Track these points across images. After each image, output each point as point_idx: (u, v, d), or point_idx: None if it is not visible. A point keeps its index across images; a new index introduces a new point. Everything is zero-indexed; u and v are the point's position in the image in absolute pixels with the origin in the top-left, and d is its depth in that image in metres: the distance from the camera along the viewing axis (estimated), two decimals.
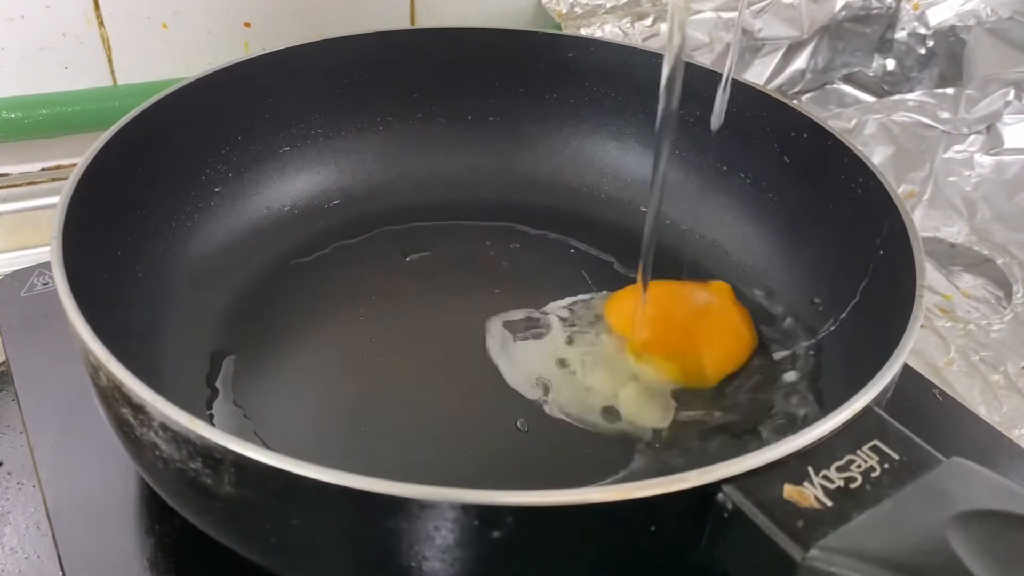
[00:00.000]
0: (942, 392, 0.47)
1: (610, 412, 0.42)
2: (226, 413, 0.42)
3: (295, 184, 0.53)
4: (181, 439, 0.28)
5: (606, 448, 0.41)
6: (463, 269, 0.51)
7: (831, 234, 0.47)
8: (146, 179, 0.45)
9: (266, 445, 0.39)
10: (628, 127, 0.57)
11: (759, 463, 0.28)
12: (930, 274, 0.66)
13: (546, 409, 0.42)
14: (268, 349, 0.45)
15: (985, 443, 0.44)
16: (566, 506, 0.26)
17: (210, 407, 0.42)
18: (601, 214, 0.56)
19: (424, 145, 0.56)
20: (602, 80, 0.56)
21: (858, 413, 0.30)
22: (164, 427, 0.28)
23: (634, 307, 0.46)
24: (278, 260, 0.50)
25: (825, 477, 0.28)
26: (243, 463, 0.27)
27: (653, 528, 0.28)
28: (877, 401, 0.31)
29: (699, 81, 0.53)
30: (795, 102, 0.50)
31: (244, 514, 0.29)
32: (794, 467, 0.28)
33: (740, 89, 0.51)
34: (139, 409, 0.29)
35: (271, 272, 0.49)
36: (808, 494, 0.27)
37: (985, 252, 0.67)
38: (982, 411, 0.55)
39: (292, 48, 0.52)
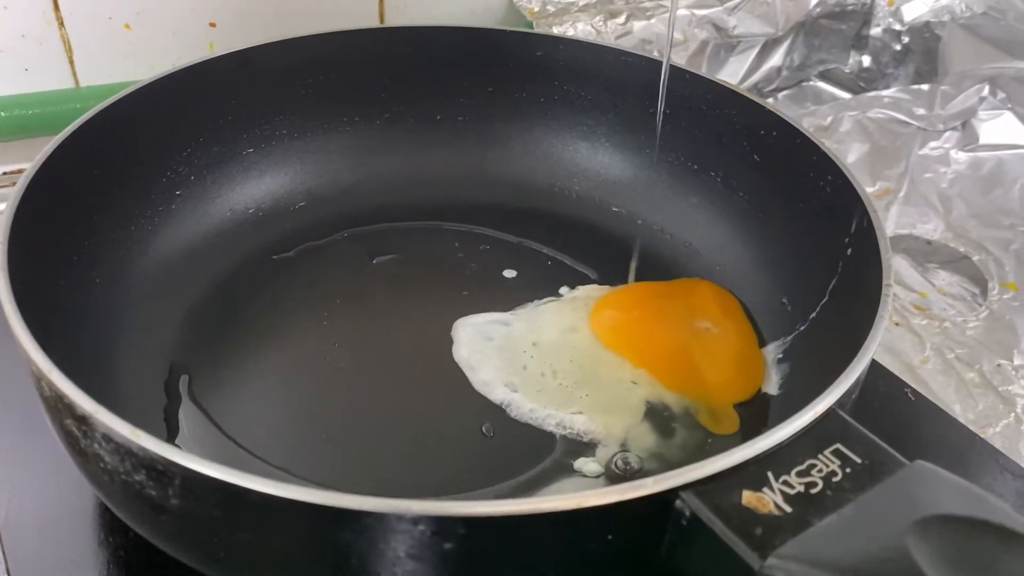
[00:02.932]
0: (915, 392, 0.46)
1: (576, 417, 0.41)
2: (192, 419, 0.41)
3: (259, 186, 0.52)
4: (124, 451, 0.27)
5: (573, 453, 0.40)
6: (431, 271, 0.50)
7: (801, 233, 0.46)
8: (103, 182, 0.44)
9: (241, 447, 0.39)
10: (599, 126, 0.56)
11: (717, 469, 0.27)
12: (906, 272, 0.66)
13: (512, 413, 0.42)
14: (230, 354, 0.44)
15: (958, 443, 0.44)
16: (518, 516, 0.26)
17: (170, 415, 0.41)
18: (573, 214, 0.55)
19: (392, 146, 0.56)
20: (572, 79, 0.55)
21: (820, 416, 0.29)
22: (107, 438, 0.28)
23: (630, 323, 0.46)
24: (241, 263, 0.49)
25: (785, 482, 0.27)
26: (186, 475, 0.26)
27: (610, 536, 0.27)
28: (841, 403, 0.30)
29: (673, 80, 0.52)
30: (764, 99, 0.49)
31: (191, 527, 0.28)
32: (753, 473, 0.27)
33: (709, 87, 0.51)
34: (82, 420, 0.28)
35: (234, 276, 0.48)
36: (767, 500, 0.26)
37: (961, 249, 0.67)
38: (957, 409, 0.55)
39: (255, 47, 0.51)
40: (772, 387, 0.44)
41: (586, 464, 0.39)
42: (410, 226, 0.53)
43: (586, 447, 0.40)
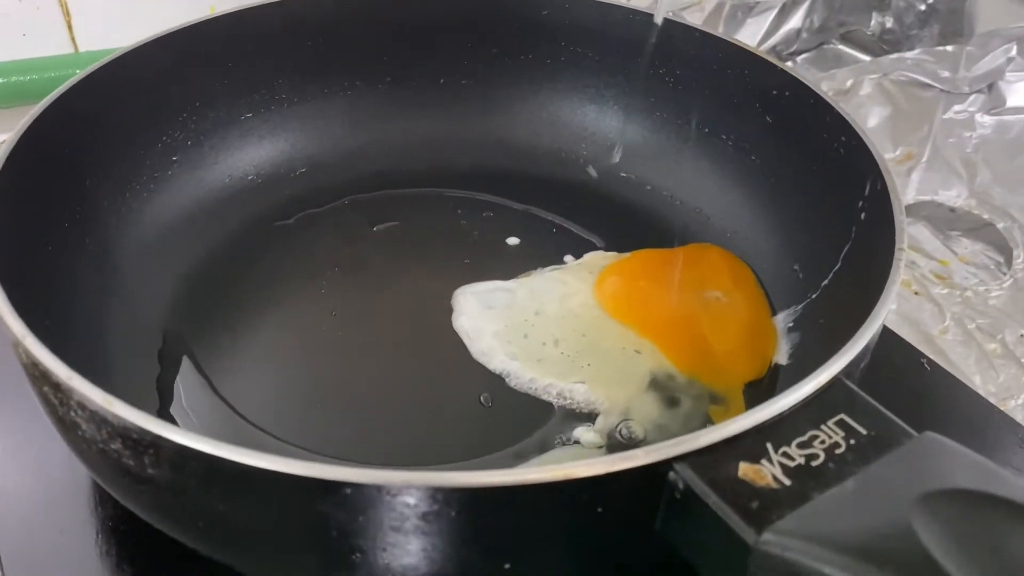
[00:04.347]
0: (931, 362, 0.45)
1: (577, 387, 0.40)
2: (187, 388, 0.40)
3: (258, 152, 0.51)
4: (99, 419, 0.26)
5: (572, 423, 0.39)
6: (432, 239, 0.49)
7: (814, 197, 0.44)
8: (95, 147, 0.43)
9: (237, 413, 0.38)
10: (607, 89, 0.54)
11: (713, 440, 0.26)
12: (927, 239, 0.64)
13: (511, 383, 0.41)
14: (225, 322, 0.43)
15: (974, 415, 0.42)
16: (503, 487, 0.25)
17: (163, 384, 0.40)
18: (580, 180, 0.54)
19: (394, 110, 0.54)
20: (579, 39, 0.54)
21: (824, 386, 0.28)
22: (82, 406, 0.27)
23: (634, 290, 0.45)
24: (240, 231, 0.48)
25: (785, 454, 0.26)
26: (161, 444, 0.25)
27: (600, 509, 0.26)
28: (848, 373, 0.29)
29: (683, 40, 0.50)
30: (775, 59, 0.47)
31: (167, 497, 0.27)
32: (751, 444, 0.26)
33: (719, 46, 0.49)
34: (57, 388, 0.27)
35: (232, 243, 0.48)
36: (765, 472, 0.25)
37: (985, 216, 0.64)
38: (977, 381, 0.53)
39: (252, 8, 0.50)
40: (782, 357, 0.42)
41: (585, 434, 0.38)
42: (412, 193, 0.52)
43: (586, 417, 0.39)
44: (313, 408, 0.40)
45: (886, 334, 0.48)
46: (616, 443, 0.38)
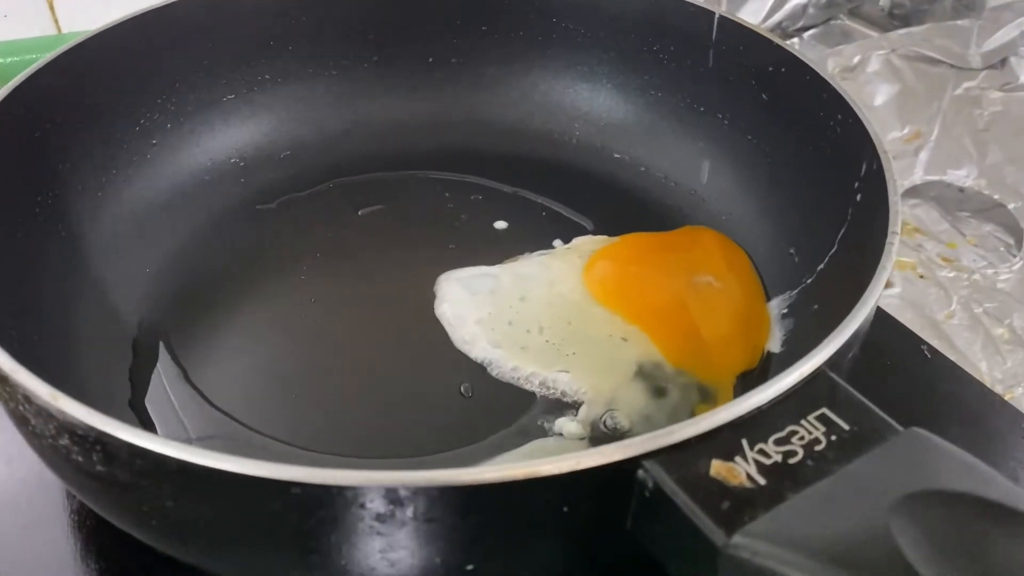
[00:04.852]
0: (931, 349, 0.43)
1: (561, 376, 0.39)
2: (162, 377, 0.39)
3: (241, 134, 0.50)
4: (46, 414, 0.25)
5: (553, 413, 0.37)
6: (417, 223, 0.48)
7: (811, 178, 0.43)
8: (69, 131, 0.42)
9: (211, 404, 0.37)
10: (600, 66, 0.52)
11: (685, 436, 0.24)
12: (934, 221, 0.62)
13: (493, 372, 0.39)
14: (201, 310, 0.42)
15: (975, 405, 0.40)
16: (463, 486, 0.24)
17: (136, 374, 0.39)
18: (572, 161, 0.52)
19: (381, 91, 0.53)
20: (571, 15, 0.52)
21: (806, 378, 0.26)
22: (28, 400, 0.26)
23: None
24: (221, 215, 0.47)
25: (761, 451, 0.24)
26: (107, 441, 0.24)
27: (565, 509, 0.25)
28: (833, 364, 0.27)
29: (677, 16, 0.49)
30: (772, 34, 0.45)
31: (119, 494, 0.26)
32: (726, 440, 0.25)
33: (715, 22, 0.47)
34: (5, 381, 0.26)
35: (212, 228, 0.46)
36: (739, 471, 0.24)
37: (995, 196, 0.62)
38: (983, 367, 0.51)
39: None
40: (775, 344, 0.41)
41: (566, 425, 0.37)
42: (399, 176, 0.51)
43: (568, 407, 0.38)
44: (289, 398, 0.39)
45: (885, 320, 0.46)
46: (600, 434, 0.37)
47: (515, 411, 0.38)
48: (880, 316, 0.46)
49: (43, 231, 0.40)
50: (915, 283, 0.56)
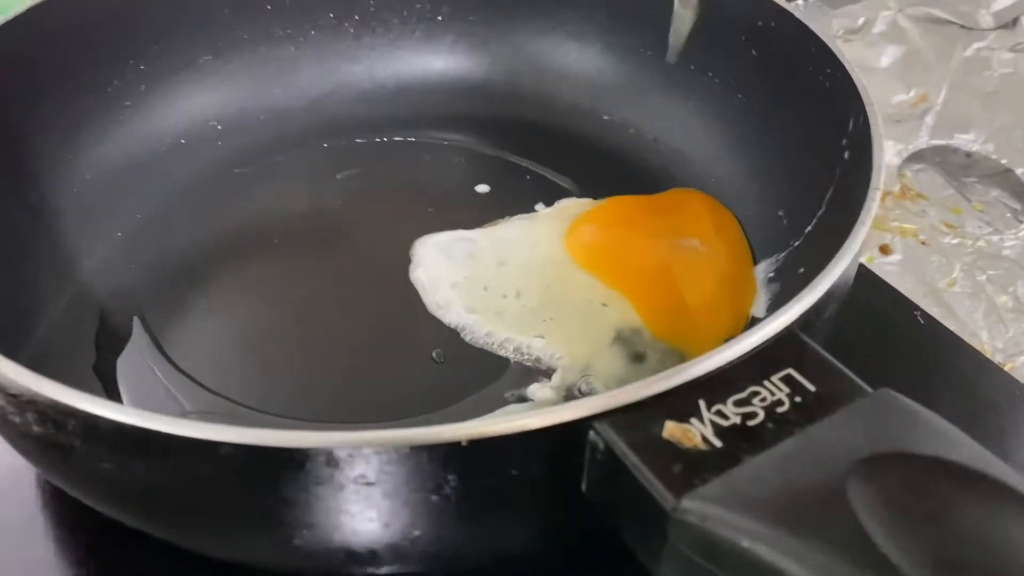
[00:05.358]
0: (925, 315, 0.41)
1: (536, 341, 0.38)
2: (131, 342, 0.38)
3: (218, 97, 0.49)
4: None
5: (527, 379, 0.36)
6: (396, 187, 0.47)
7: (800, 136, 0.41)
8: (37, 94, 0.41)
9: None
10: (589, 24, 0.51)
11: (639, 397, 0.23)
12: (939, 186, 0.60)
13: (466, 337, 0.38)
14: (173, 276, 0.41)
15: (969, 371, 0.39)
16: (410, 446, 0.22)
17: (103, 339, 0.38)
18: (559, 124, 0.51)
19: (363, 52, 0.51)
20: None
21: (772, 338, 0.25)
22: None
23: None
24: (198, 179, 0.46)
25: (719, 412, 0.23)
26: (38, 400, 0.23)
27: (515, 472, 0.24)
28: (804, 324, 0.26)
29: None
30: None
31: (59, 457, 0.26)
32: (682, 401, 0.23)
33: None
34: None
35: (188, 192, 0.46)
36: (693, 433, 0.23)
37: (1004, 161, 0.60)
38: (984, 336, 0.50)
39: None
40: (759, 309, 0.39)
41: (539, 391, 0.36)
42: (379, 139, 0.49)
43: (542, 373, 0.37)
44: (258, 364, 0.38)
45: (880, 286, 0.45)
46: (574, 399, 0.36)
47: (487, 377, 0.37)
48: (875, 282, 0.45)
49: (11, 199, 0.39)
50: (916, 250, 0.54)
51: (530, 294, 0.40)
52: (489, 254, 0.42)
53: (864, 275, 0.44)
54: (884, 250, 0.54)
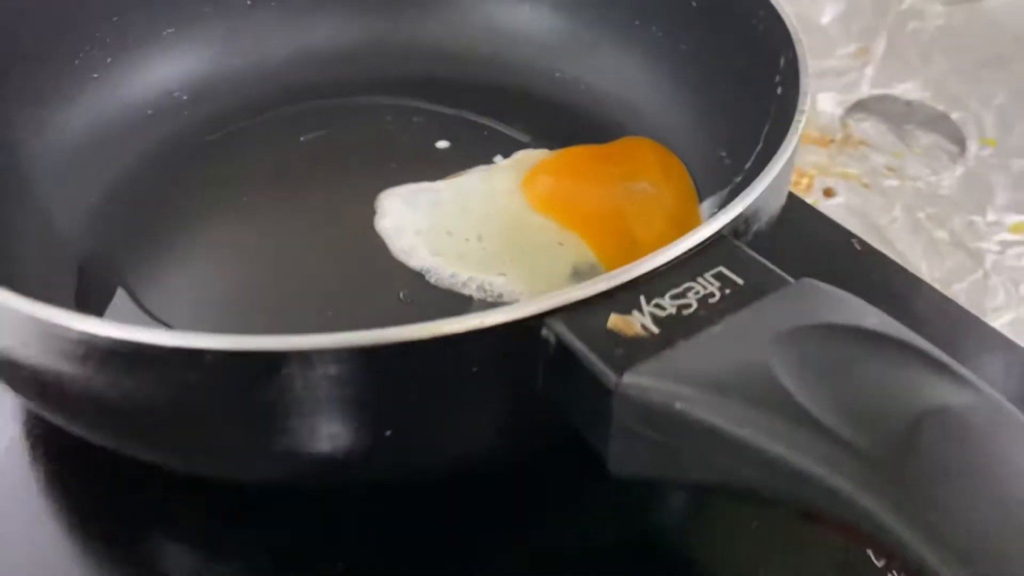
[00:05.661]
0: (861, 242, 0.44)
1: (498, 279, 0.40)
2: (107, 299, 0.40)
3: (183, 67, 0.50)
4: None
5: None
6: (360, 146, 0.48)
7: (738, 79, 0.43)
8: (4, 67, 0.43)
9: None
10: None
11: (585, 295, 0.25)
12: (881, 134, 0.62)
13: (431, 279, 0.40)
14: (146, 235, 0.43)
15: (901, 290, 0.41)
16: (370, 347, 0.25)
17: (81, 297, 0.40)
18: (514, 83, 0.53)
19: (322, 18, 0.53)
20: None
21: (704, 241, 0.27)
22: None
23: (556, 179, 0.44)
24: (165, 148, 0.48)
25: (657, 305, 0.25)
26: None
27: (475, 369, 0.26)
28: (736, 232, 0.28)
29: None
30: None
31: (28, 376, 0.27)
32: (624, 297, 0.26)
33: None
34: None
35: (156, 159, 0.47)
36: (634, 322, 0.25)
37: (940, 107, 0.63)
38: (923, 268, 0.53)
39: None
40: None
41: None
42: (341, 102, 0.51)
43: None
44: (230, 312, 0.40)
45: (820, 219, 0.47)
46: None
47: (452, 315, 0.38)
48: (815, 216, 0.47)
49: None
50: (859, 192, 0.57)
51: (491, 237, 0.42)
52: (451, 203, 0.44)
53: (803, 208, 0.46)
54: (828, 193, 0.57)
